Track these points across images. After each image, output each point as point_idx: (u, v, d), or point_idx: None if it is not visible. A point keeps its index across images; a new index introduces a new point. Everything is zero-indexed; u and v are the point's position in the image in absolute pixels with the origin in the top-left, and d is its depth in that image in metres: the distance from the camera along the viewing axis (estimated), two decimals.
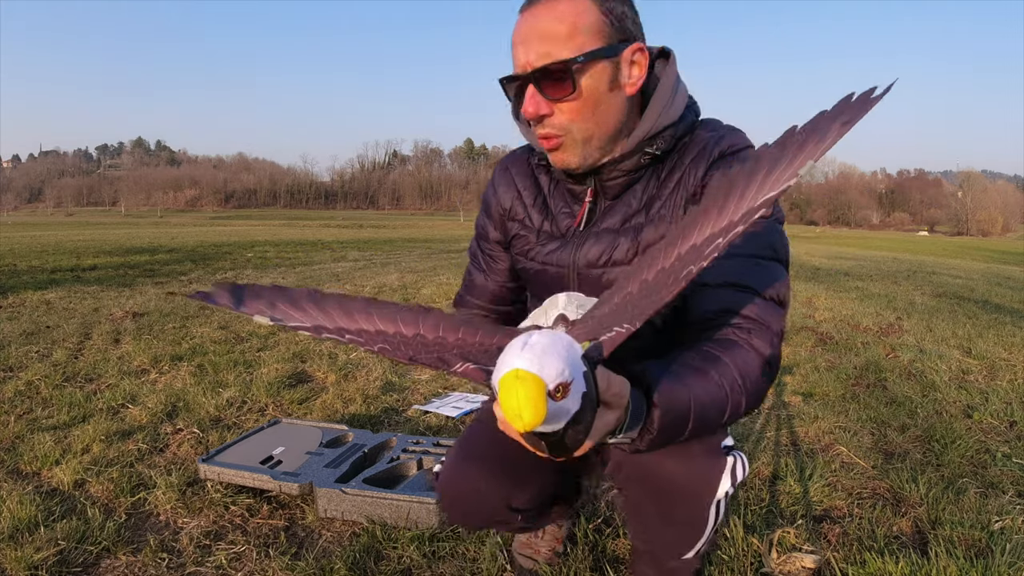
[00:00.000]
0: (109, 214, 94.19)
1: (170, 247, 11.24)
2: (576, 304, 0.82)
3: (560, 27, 0.85)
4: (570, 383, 0.49)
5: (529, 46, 0.86)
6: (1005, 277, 8.93)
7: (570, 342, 0.53)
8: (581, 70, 0.86)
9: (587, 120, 0.90)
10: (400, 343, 0.70)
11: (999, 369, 2.96)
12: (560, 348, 0.50)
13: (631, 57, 0.89)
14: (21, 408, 2.28)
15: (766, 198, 0.59)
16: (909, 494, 1.63)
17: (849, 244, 27.99)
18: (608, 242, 0.98)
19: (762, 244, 0.90)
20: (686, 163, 0.95)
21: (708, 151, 0.94)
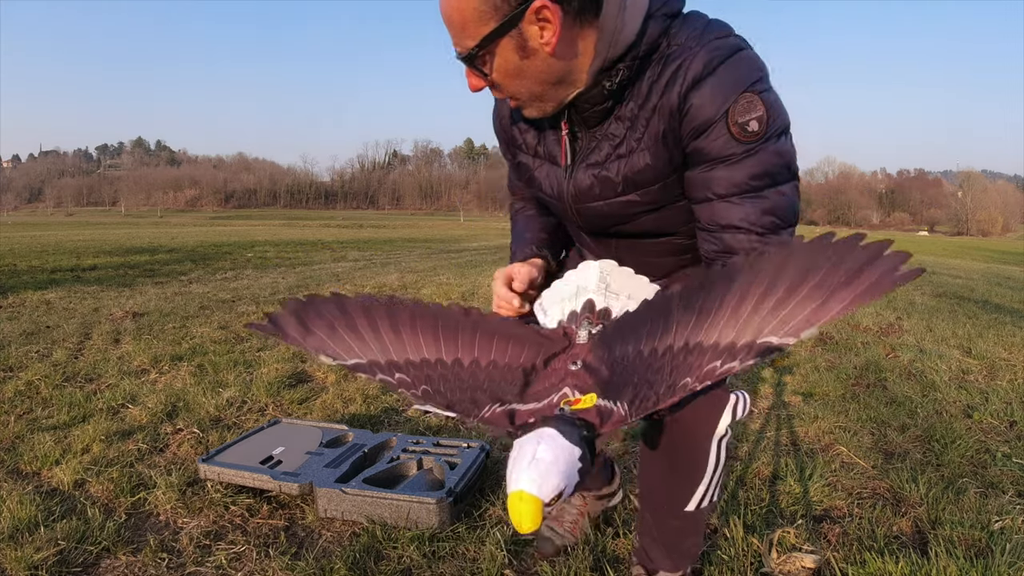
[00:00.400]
0: (109, 214, 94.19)
1: (170, 247, 11.24)
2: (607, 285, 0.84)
3: (455, 17, 0.86)
4: (563, 491, 0.59)
5: (452, 32, 0.88)
6: (1005, 277, 8.93)
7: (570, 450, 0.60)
8: (485, 55, 0.87)
9: (522, 85, 0.90)
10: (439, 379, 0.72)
11: (999, 369, 2.96)
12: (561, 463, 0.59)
13: (535, 18, 0.84)
14: (21, 408, 2.28)
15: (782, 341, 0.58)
16: (909, 494, 1.63)
17: None
18: (593, 177, 0.98)
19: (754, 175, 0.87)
20: (662, 84, 0.89)
21: (680, 75, 0.87)
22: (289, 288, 5.64)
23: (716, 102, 0.85)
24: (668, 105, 0.89)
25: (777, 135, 0.87)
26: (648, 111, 0.91)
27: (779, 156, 0.87)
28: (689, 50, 0.87)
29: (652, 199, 0.96)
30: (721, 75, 0.86)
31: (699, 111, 0.86)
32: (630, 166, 0.94)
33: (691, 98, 0.86)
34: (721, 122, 0.85)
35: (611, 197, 0.97)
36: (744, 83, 0.85)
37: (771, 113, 0.86)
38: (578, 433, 0.61)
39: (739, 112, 0.85)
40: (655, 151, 0.92)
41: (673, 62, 0.88)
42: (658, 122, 0.90)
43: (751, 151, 0.86)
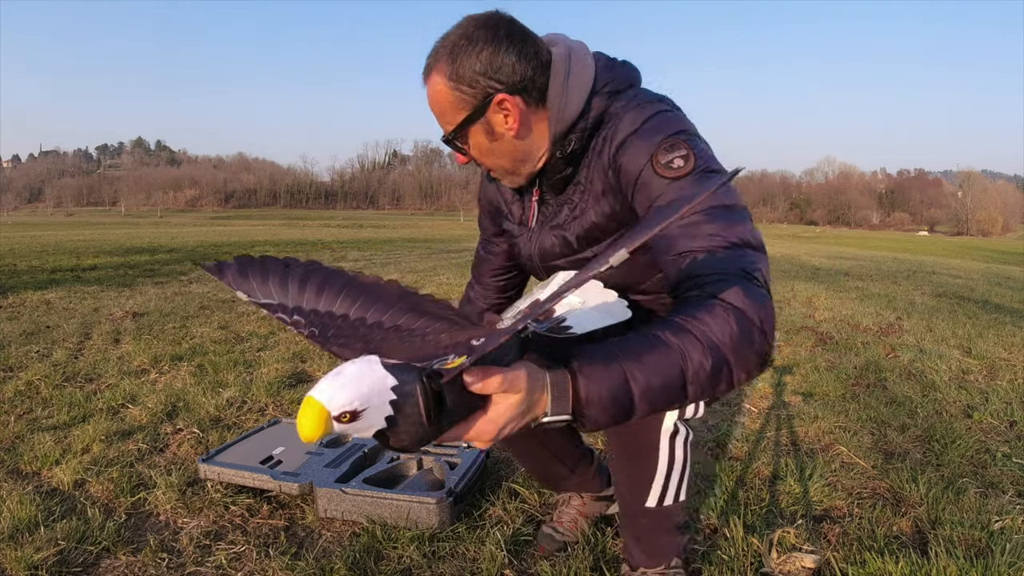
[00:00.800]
0: (109, 214, 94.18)
1: (170, 247, 11.24)
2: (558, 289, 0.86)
3: (435, 107, 0.99)
4: (360, 411, 0.57)
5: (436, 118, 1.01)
6: (1005, 277, 8.93)
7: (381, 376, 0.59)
8: (461, 138, 1.00)
9: (495, 162, 1.03)
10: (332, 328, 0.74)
11: (999, 369, 2.96)
12: (363, 380, 0.58)
13: (499, 109, 0.96)
14: (21, 408, 2.28)
15: None
16: (909, 494, 1.63)
17: (849, 244, 27.99)
18: (554, 239, 1.09)
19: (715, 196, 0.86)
20: (598, 149, 1.00)
21: (609, 139, 0.97)
22: None
23: (640, 154, 0.93)
24: (602, 166, 0.98)
25: (706, 172, 0.89)
26: (592, 174, 1.01)
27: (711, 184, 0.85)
28: (617, 116, 0.98)
29: None
30: (644, 132, 0.94)
31: (629, 166, 0.94)
32: (581, 225, 1.04)
33: (619, 157, 0.95)
34: (648, 168, 0.92)
35: (570, 255, 1.07)
36: (663, 132, 0.93)
37: (697, 154, 0.90)
38: (414, 371, 0.60)
39: (662, 154, 0.91)
40: (598, 209, 1.01)
41: (605, 129, 0.99)
42: (597, 182, 1.00)
43: (682, 181, 0.89)
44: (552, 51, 0.99)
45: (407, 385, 0.59)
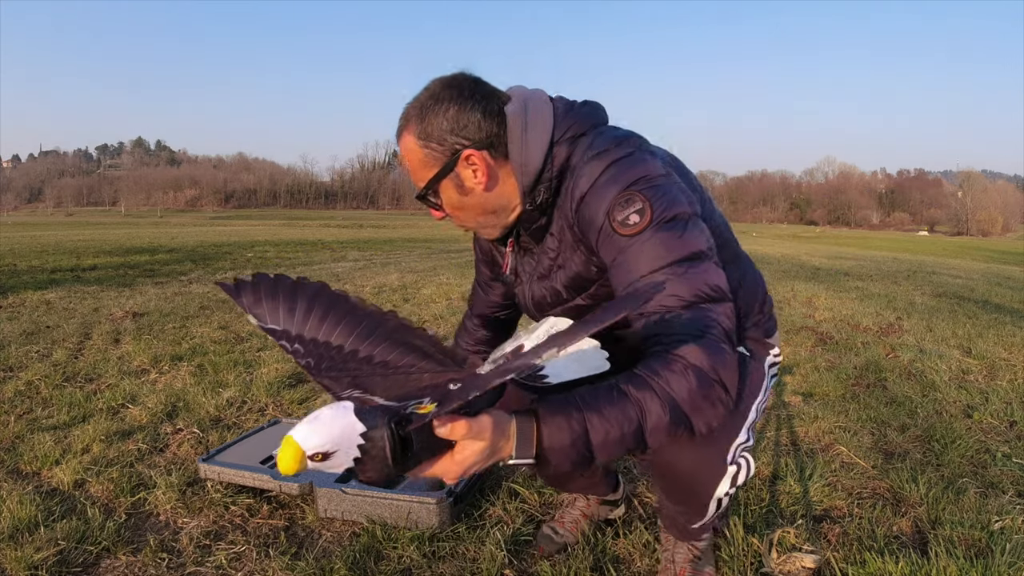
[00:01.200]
0: (109, 214, 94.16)
1: (170, 247, 11.24)
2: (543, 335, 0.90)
3: (408, 164, 1.02)
4: (331, 452, 0.65)
5: None
6: (1005, 277, 8.93)
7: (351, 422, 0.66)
8: (433, 194, 1.03)
9: (467, 217, 1.05)
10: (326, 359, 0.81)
11: (999, 369, 2.96)
12: (335, 425, 0.65)
13: (467, 164, 0.99)
14: (21, 408, 2.28)
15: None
16: (909, 494, 1.63)
17: (849, 244, 27.99)
18: (543, 289, 1.11)
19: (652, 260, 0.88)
20: (563, 202, 1.01)
21: (571, 192, 0.99)
22: None
23: (596, 211, 0.95)
24: (568, 219, 1.01)
25: (664, 221, 0.90)
26: (562, 224, 1.03)
27: (670, 243, 0.89)
28: (578, 169, 0.98)
29: (596, 299, 1.07)
30: (600, 187, 0.95)
31: (589, 223, 0.96)
32: (566, 275, 1.06)
33: (580, 212, 0.97)
34: (606, 225, 0.93)
35: (562, 304, 1.09)
36: (622, 185, 0.93)
37: (655, 205, 0.90)
38: (382, 418, 0.67)
39: (617, 211, 0.92)
40: (576, 259, 1.03)
41: (568, 180, 1.00)
42: (569, 234, 1.02)
43: (637, 239, 0.90)
44: (506, 109, 1.00)
45: (375, 431, 0.66)
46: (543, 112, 1.01)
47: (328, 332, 0.83)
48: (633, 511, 1.53)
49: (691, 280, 0.87)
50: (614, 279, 0.94)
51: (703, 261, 0.89)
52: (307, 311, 0.85)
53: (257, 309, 0.84)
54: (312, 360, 0.80)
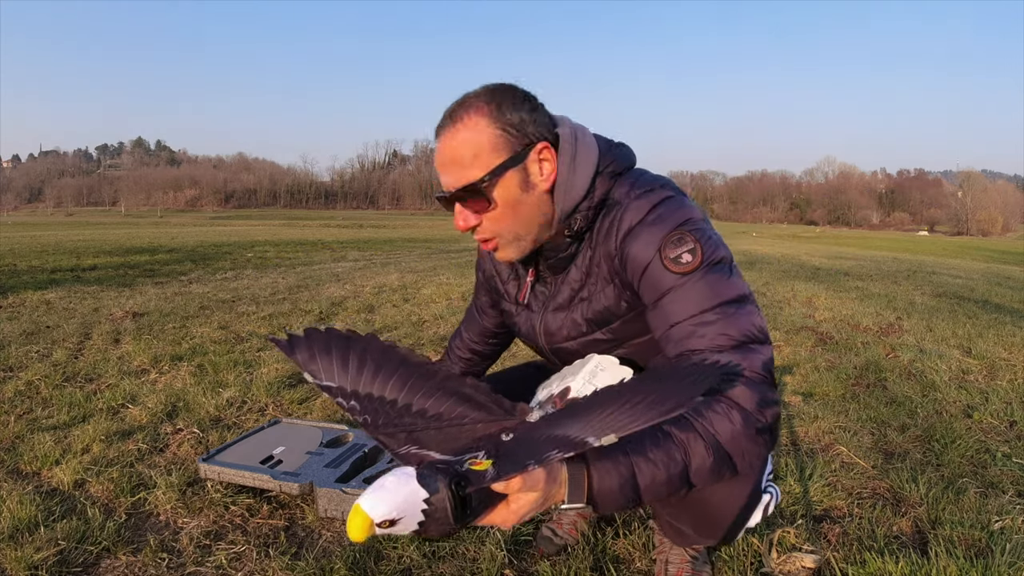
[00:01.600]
0: (109, 214, 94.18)
1: (170, 247, 11.24)
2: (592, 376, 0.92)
3: (465, 151, 0.93)
4: (397, 520, 0.67)
5: (446, 171, 0.96)
6: (1005, 277, 8.93)
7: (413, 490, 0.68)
8: (491, 185, 0.94)
9: (511, 223, 0.98)
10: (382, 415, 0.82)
11: (999, 369, 2.96)
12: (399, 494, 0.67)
13: (537, 157, 0.95)
14: (21, 408, 2.28)
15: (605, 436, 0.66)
16: (909, 494, 1.63)
17: (849, 244, 27.98)
18: (562, 319, 1.08)
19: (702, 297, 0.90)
20: (602, 235, 1.00)
21: (615, 227, 0.98)
22: (289, 288, 5.64)
23: (647, 246, 0.94)
24: (608, 252, 0.99)
25: (713, 263, 0.92)
26: (598, 257, 1.01)
27: (718, 282, 0.91)
28: (620, 204, 0.98)
29: (616, 336, 1.05)
30: (649, 223, 0.95)
31: (636, 256, 0.94)
32: (592, 308, 1.04)
33: (626, 245, 0.96)
34: (656, 261, 0.93)
35: (579, 337, 1.07)
36: (672, 224, 0.94)
37: (704, 247, 0.92)
38: (442, 481, 0.69)
39: (670, 248, 0.92)
40: (607, 293, 1.01)
41: (610, 214, 0.99)
42: (603, 265, 1.00)
43: (690, 278, 0.91)
44: (559, 131, 0.98)
45: (436, 496, 0.69)
46: (591, 143, 1.01)
47: (381, 386, 0.85)
48: (632, 510, 1.53)
49: (740, 321, 0.89)
50: (657, 316, 0.93)
51: (747, 304, 0.91)
52: (360, 365, 0.86)
53: (312, 365, 0.85)
54: (369, 417, 0.81)
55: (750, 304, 0.92)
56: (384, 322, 3.98)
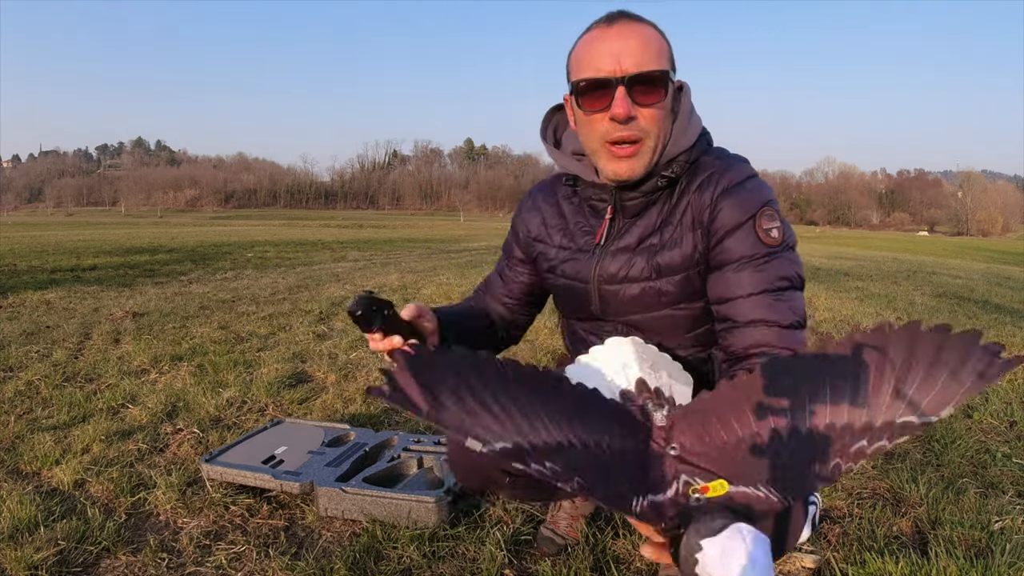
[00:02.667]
0: (109, 214, 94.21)
1: (170, 247, 11.24)
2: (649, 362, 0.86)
3: (650, 46, 0.97)
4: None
5: (621, 56, 0.95)
6: (1005, 277, 8.93)
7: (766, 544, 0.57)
8: (668, 80, 0.98)
9: (660, 129, 1.00)
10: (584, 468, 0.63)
11: None
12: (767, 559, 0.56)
13: (675, 88, 1.02)
14: (21, 408, 2.28)
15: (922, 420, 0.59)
16: (909, 494, 1.63)
17: (849, 244, 27.99)
18: (624, 260, 1.07)
19: (779, 276, 0.98)
20: (692, 189, 1.03)
21: (714, 181, 1.02)
22: (289, 288, 5.64)
23: (744, 208, 0.99)
24: (700, 204, 1.02)
25: (791, 247, 1.01)
26: (681, 208, 1.04)
27: (794, 264, 1.00)
28: (720, 165, 1.04)
29: (673, 289, 1.05)
30: (748, 188, 1.01)
31: (729, 214, 0.99)
32: (665, 255, 1.04)
33: (721, 202, 1.00)
34: (749, 225, 0.99)
35: (638, 280, 1.07)
36: (765, 198, 1.01)
37: (785, 228, 1.01)
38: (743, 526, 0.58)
39: (764, 220, 0.99)
40: (686, 241, 1.03)
41: (706, 171, 1.04)
42: (691, 216, 1.03)
43: (773, 255, 0.98)
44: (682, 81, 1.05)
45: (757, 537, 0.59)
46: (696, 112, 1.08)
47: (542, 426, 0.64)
48: None
49: (797, 302, 0.98)
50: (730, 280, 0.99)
51: (802, 286, 1.02)
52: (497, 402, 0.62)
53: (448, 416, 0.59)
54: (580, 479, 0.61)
55: (803, 288, 1.02)
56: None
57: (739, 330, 0.97)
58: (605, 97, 0.96)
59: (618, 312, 1.11)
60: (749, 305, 0.97)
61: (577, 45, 1.02)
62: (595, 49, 0.97)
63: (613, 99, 0.95)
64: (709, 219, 1.01)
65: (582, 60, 0.99)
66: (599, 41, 0.97)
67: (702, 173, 1.03)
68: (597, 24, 1.00)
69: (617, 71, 0.95)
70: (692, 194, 1.03)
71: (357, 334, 3.55)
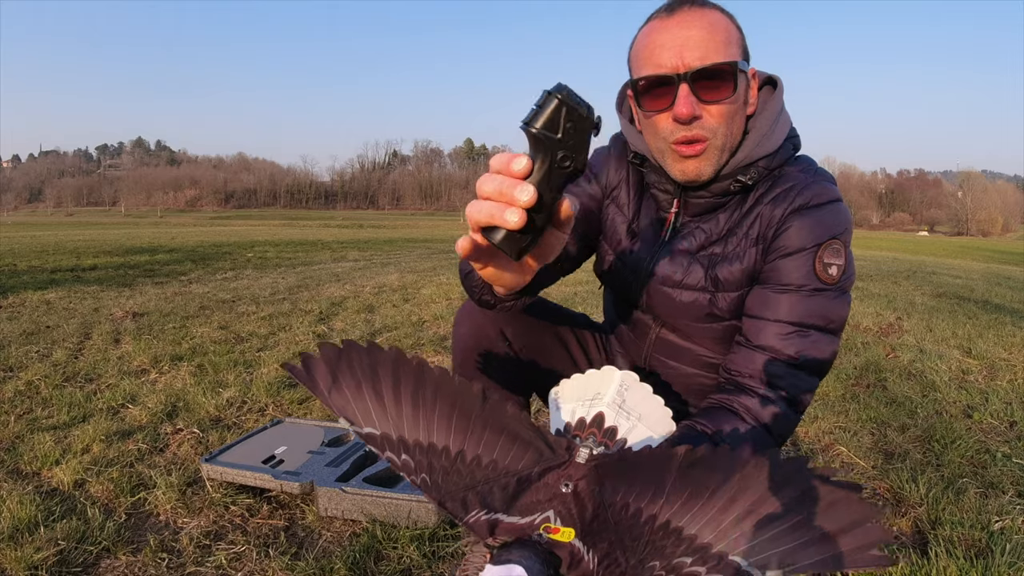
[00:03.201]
0: (109, 214, 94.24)
1: (170, 247, 11.24)
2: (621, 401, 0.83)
3: (716, 34, 0.87)
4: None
5: (684, 49, 0.87)
6: (1005, 277, 8.93)
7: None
8: (739, 74, 0.89)
9: (730, 126, 0.91)
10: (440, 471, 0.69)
11: (999, 369, 2.96)
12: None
13: (748, 79, 0.92)
14: (21, 408, 2.28)
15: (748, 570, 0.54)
16: (909, 494, 1.63)
17: None
18: (681, 264, 1.00)
19: (817, 314, 0.91)
20: (767, 200, 0.96)
21: (791, 196, 0.94)
22: (289, 288, 5.64)
23: (813, 234, 0.92)
24: (769, 216, 0.95)
25: (844, 289, 0.94)
26: (751, 219, 0.96)
27: (840, 308, 0.93)
28: (802, 179, 0.95)
29: (727, 305, 0.99)
30: (822, 213, 0.92)
31: (795, 234, 0.92)
32: (727, 267, 0.98)
33: (792, 220, 0.93)
34: (811, 253, 0.91)
35: (694, 288, 1.00)
36: (838, 229, 0.93)
37: (848, 267, 0.93)
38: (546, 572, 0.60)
39: (828, 254, 0.91)
40: (747, 256, 0.97)
41: (785, 183, 0.95)
42: (756, 230, 0.96)
43: (822, 292, 0.91)
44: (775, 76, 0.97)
45: None
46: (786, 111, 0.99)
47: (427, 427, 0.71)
48: None
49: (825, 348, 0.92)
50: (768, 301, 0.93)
51: (840, 332, 0.95)
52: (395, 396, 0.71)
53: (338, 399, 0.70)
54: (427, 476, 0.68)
55: (838, 338, 0.95)
56: (384, 322, 3.98)
57: (747, 351, 0.93)
58: (667, 96, 0.88)
59: (664, 314, 1.05)
60: (771, 329, 0.91)
61: (636, 39, 0.94)
62: (654, 42, 0.89)
63: (675, 98, 0.87)
64: (774, 235, 0.94)
65: (641, 55, 0.91)
66: (658, 33, 0.89)
67: (781, 185, 0.95)
68: (656, 14, 0.91)
69: (679, 66, 0.86)
70: (765, 205, 0.95)
71: (357, 334, 3.54)
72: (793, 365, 0.90)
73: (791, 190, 0.94)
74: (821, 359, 0.91)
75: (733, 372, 0.94)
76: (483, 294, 0.92)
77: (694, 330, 1.04)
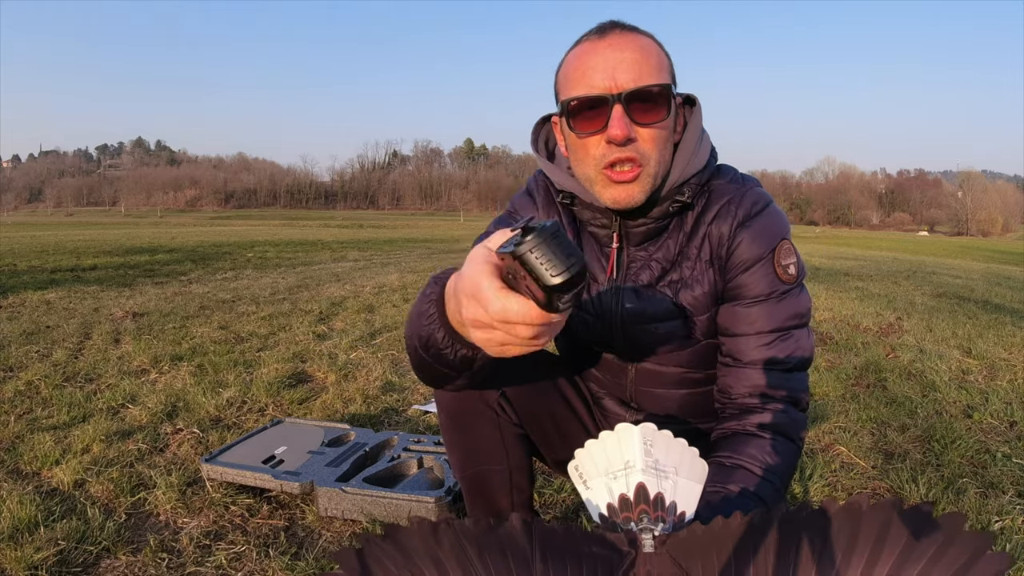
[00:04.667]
0: (109, 214, 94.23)
1: (170, 247, 11.24)
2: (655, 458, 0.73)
3: (649, 58, 0.87)
4: None
5: (616, 71, 0.85)
6: (1005, 277, 8.93)
7: None
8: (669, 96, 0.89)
9: (661, 151, 0.90)
10: None
11: (999, 369, 2.96)
12: None
13: (677, 105, 0.93)
14: (21, 408, 2.28)
15: None
16: (909, 494, 1.63)
17: (849, 244, 27.98)
18: (648, 298, 0.99)
19: (790, 315, 0.94)
20: (708, 219, 0.96)
21: (731, 210, 0.95)
22: (289, 288, 5.64)
23: (763, 243, 0.94)
24: (717, 235, 0.96)
25: (802, 284, 0.97)
26: (698, 241, 0.97)
27: (806, 301, 0.97)
28: (734, 191, 0.96)
29: (703, 325, 1.00)
30: (764, 220, 0.95)
31: (747, 247, 0.94)
32: (691, 293, 0.98)
33: (740, 234, 0.94)
34: (768, 260, 0.94)
35: (667, 320, 0.99)
36: (784, 232, 0.96)
37: (800, 263, 0.97)
38: None
39: (782, 255, 0.94)
40: (707, 277, 0.97)
41: (720, 198, 0.96)
42: (708, 251, 0.97)
43: (788, 292, 0.94)
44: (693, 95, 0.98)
45: None
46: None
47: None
48: None
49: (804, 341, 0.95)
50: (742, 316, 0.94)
51: (808, 321, 0.98)
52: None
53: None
54: None
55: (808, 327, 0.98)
56: (384, 322, 3.98)
57: (740, 371, 0.94)
58: (600, 117, 0.86)
59: (645, 350, 1.04)
60: (753, 343, 0.93)
61: (565, 61, 0.91)
62: (586, 64, 0.86)
63: (609, 119, 0.85)
64: (727, 253, 0.95)
65: (572, 77, 0.88)
66: (589, 55, 0.87)
67: (717, 201, 0.96)
68: (587, 36, 0.90)
69: (613, 87, 0.84)
70: (709, 226, 0.96)
71: (357, 334, 3.55)
72: (785, 370, 0.93)
73: (729, 204, 0.96)
74: (805, 355, 0.95)
75: (732, 395, 0.95)
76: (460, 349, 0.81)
77: (672, 357, 1.04)
